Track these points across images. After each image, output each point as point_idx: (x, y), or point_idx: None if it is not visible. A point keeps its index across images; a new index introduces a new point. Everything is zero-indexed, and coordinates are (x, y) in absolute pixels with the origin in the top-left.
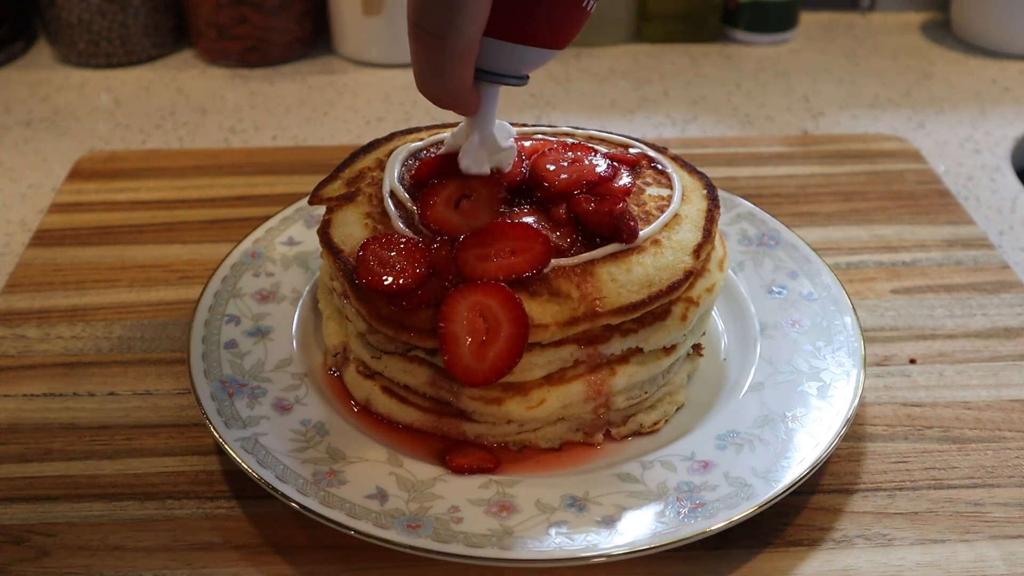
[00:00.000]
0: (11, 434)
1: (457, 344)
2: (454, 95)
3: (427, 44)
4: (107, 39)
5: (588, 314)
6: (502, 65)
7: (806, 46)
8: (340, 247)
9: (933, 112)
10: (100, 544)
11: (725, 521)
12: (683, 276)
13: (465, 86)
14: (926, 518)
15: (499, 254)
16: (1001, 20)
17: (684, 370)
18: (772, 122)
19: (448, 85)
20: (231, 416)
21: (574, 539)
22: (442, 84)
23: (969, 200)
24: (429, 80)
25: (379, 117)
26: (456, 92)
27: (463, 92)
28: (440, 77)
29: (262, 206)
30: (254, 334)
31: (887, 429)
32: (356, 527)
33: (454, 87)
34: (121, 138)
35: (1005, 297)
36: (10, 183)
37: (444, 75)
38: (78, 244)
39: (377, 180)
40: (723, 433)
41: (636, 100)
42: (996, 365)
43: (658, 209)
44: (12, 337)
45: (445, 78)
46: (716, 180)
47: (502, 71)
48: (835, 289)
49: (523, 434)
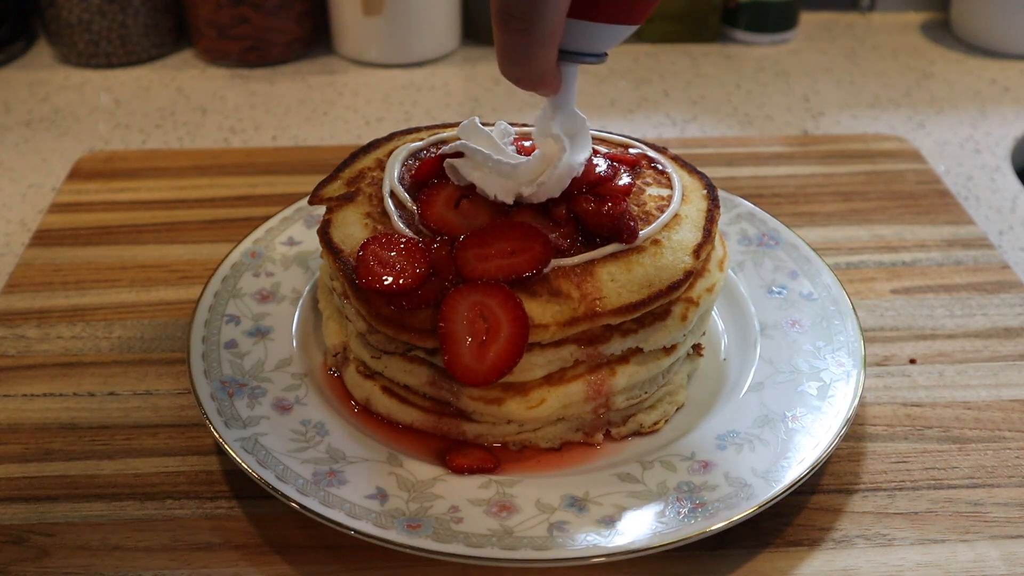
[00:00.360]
0: (11, 434)
1: (457, 344)
2: (539, 77)
3: (512, 28)
4: (107, 39)
5: (588, 314)
6: (582, 44)
7: (806, 46)
8: (340, 247)
9: (933, 112)
10: (100, 544)
11: (725, 521)
12: (683, 276)
13: (550, 68)
14: (926, 518)
15: (499, 254)
16: (1001, 20)
17: (684, 370)
18: (772, 122)
19: (533, 68)
20: (231, 416)
21: (574, 539)
22: (528, 67)
23: (969, 200)
24: (515, 64)
25: (379, 117)
26: (541, 74)
27: (548, 74)
28: (526, 61)
29: (262, 206)
30: (254, 334)
31: (887, 429)
32: (356, 527)
33: (539, 69)
34: (121, 138)
35: (1005, 297)
36: (10, 183)
37: (530, 58)
38: (78, 244)
39: (377, 180)
40: (723, 433)
41: (636, 100)
42: (996, 365)
43: (658, 209)
44: (12, 337)
45: (531, 61)
46: (716, 180)
47: (583, 50)
48: (835, 289)
49: (523, 434)
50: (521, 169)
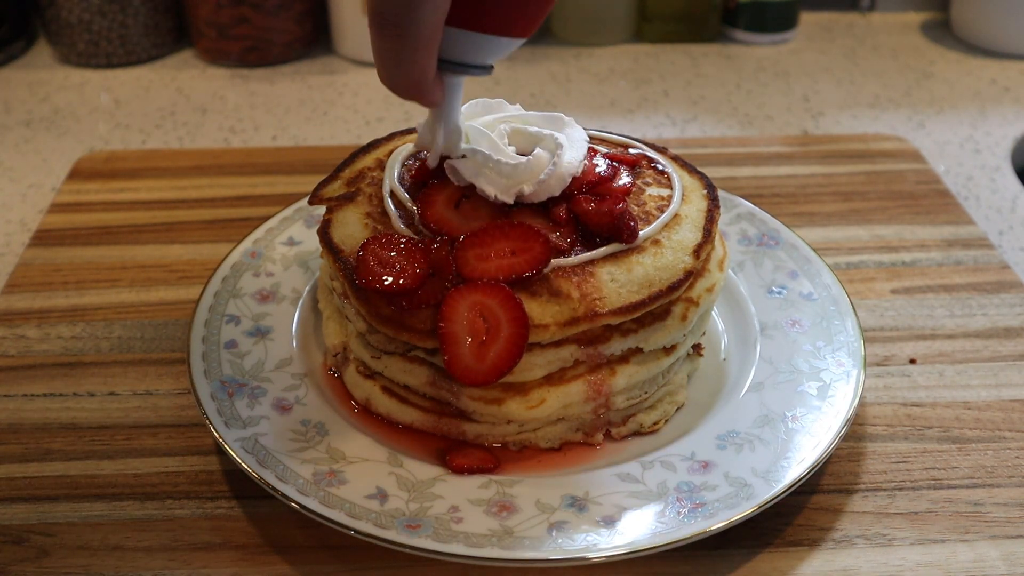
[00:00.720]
0: (11, 434)
1: (457, 344)
2: (416, 85)
3: (387, 32)
4: (107, 39)
5: (588, 314)
6: (465, 55)
7: (806, 46)
8: (340, 247)
9: (933, 112)
10: (100, 544)
11: (725, 521)
12: (683, 276)
13: (428, 76)
14: (926, 518)
15: (499, 254)
16: (1001, 20)
17: (684, 370)
18: (772, 122)
19: (410, 75)
20: (231, 416)
21: (574, 539)
22: (404, 74)
23: (969, 200)
24: (391, 70)
25: (379, 117)
26: (418, 82)
27: (426, 82)
28: (401, 67)
29: (262, 206)
30: (254, 334)
31: (887, 429)
32: (356, 527)
33: (416, 77)
34: (121, 138)
35: (1005, 297)
36: (10, 183)
37: (405, 64)
38: (78, 244)
39: (377, 180)
40: (723, 433)
41: (636, 100)
42: (996, 365)
43: (658, 209)
44: (12, 337)
45: (407, 68)
46: (716, 180)
47: (465, 61)
48: (835, 289)
49: (523, 434)
50: (521, 169)
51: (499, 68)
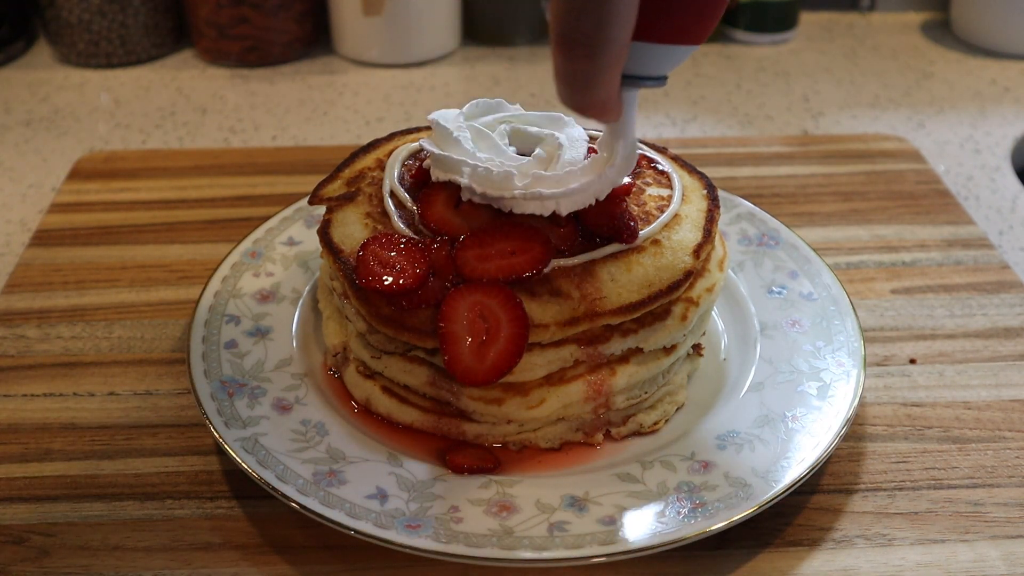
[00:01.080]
0: (11, 434)
1: (457, 344)
2: (603, 104)
3: (576, 54)
4: (107, 39)
5: (588, 314)
6: (645, 67)
7: (806, 46)
8: (340, 247)
9: (933, 112)
10: (100, 544)
11: (725, 521)
12: (683, 276)
13: (613, 95)
14: (926, 518)
15: (499, 254)
16: (1001, 20)
17: (684, 370)
18: (772, 122)
19: (597, 95)
20: (231, 416)
21: (574, 539)
22: (591, 95)
23: (969, 200)
24: (577, 91)
25: (379, 117)
26: (604, 101)
27: (612, 101)
28: (589, 88)
29: (262, 206)
30: (254, 334)
31: (887, 429)
32: (356, 527)
33: (603, 96)
34: (121, 138)
35: (1005, 297)
36: (10, 183)
37: (593, 85)
38: (78, 244)
39: (377, 180)
40: (723, 433)
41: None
42: (996, 365)
43: (658, 209)
44: (12, 337)
45: (594, 88)
46: (716, 180)
47: (644, 73)
48: (835, 289)
49: (523, 434)
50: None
51: (500, 68)
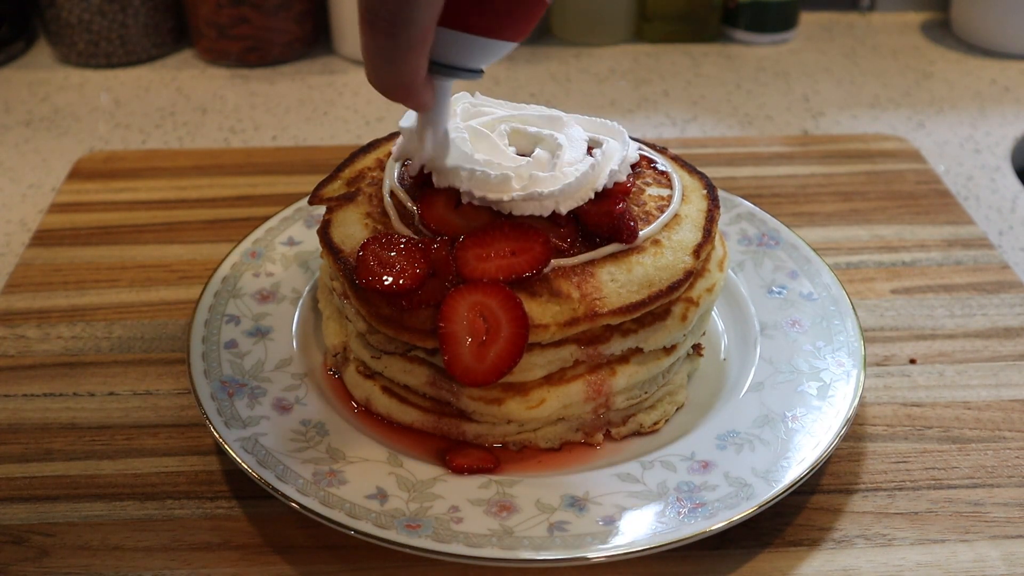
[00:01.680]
0: (11, 434)
1: (457, 344)
2: (406, 86)
3: (378, 30)
4: (107, 39)
5: (588, 314)
6: (457, 57)
7: (806, 46)
8: (340, 247)
9: (933, 112)
10: (100, 544)
11: (725, 521)
12: (683, 276)
13: (419, 78)
14: (926, 518)
15: (499, 254)
16: (1001, 20)
17: (684, 370)
18: (772, 122)
19: (401, 76)
20: (231, 416)
21: (574, 539)
22: (394, 75)
23: (969, 200)
24: (380, 69)
25: (379, 117)
26: (409, 84)
27: (416, 83)
28: (392, 67)
29: (262, 206)
30: (254, 334)
31: (887, 429)
32: (356, 527)
33: (407, 78)
34: (121, 138)
35: (1005, 297)
36: (10, 183)
37: (396, 65)
38: (78, 244)
39: (377, 180)
40: (723, 433)
41: (636, 100)
42: (996, 365)
43: (658, 209)
44: (12, 337)
45: (397, 67)
46: (716, 180)
47: (457, 64)
48: (835, 289)
49: (523, 434)
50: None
51: (499, 68)
